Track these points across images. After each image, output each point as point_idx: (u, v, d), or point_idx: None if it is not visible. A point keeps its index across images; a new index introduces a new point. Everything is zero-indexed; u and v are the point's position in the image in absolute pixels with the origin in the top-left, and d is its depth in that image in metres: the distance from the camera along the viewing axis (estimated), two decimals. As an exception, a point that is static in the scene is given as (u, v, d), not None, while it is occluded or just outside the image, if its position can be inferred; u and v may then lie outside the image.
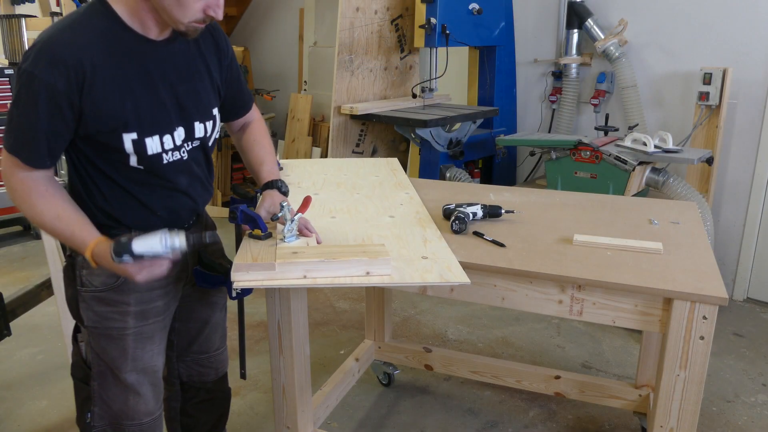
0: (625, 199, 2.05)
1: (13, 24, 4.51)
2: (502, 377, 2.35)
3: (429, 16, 3.29)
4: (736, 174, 3.36)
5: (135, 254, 1.24)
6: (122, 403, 1.49)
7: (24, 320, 2.65)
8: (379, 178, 2.12)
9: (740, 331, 3.08)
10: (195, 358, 1.72)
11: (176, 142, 1.39)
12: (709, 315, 1.32)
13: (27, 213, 1.32)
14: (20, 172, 1.29)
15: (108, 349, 1.45)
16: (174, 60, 1.36)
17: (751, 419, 2.38)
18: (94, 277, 1.40)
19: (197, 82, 1.42)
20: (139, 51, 1.30)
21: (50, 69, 1.20)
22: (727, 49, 3.27)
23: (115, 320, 1.43)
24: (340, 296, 3.50)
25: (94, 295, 1.42)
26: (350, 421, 2.38)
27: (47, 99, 1.21)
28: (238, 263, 1.34)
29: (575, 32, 3.64)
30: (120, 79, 1.27)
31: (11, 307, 2.29)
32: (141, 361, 1.47)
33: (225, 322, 1.79)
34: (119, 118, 1.28)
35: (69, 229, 1.31)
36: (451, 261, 1.43)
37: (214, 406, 1.81)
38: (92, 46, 1.24)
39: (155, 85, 1.33)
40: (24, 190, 1.29)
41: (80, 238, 1.31)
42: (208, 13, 1.27)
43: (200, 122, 1.43)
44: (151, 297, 1.46)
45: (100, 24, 1.26)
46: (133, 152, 1.33)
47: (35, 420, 2.39)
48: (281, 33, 5.42)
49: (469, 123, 3.43)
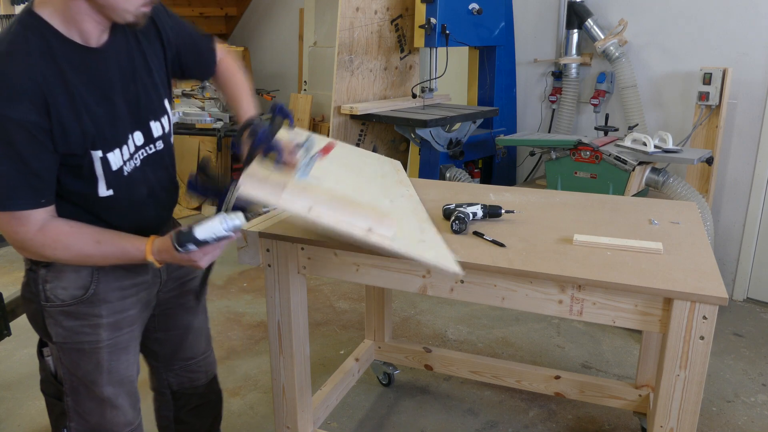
0: (625, 199, 2.05)
1: (13, 24, 4.52)
2: (502, 377, 2.35)
3: (429, 16, 3.29)
4: (736, 174, 3.36)
5: (199, 241, 1.24)
6: (99, 416, 1.43)
7: (24, 320, 2.63)
8: (383, 171, 2.12)
9: (740, 331, 3.08)
10: (182, 365, 1.68)
11: (136, 146, 1.33)
12: (709, 315, 1.32)
13: (69, 259, 1.27)
14: (32, 226, 1.20)
15: (81, 363, 1.39)
16: (118, 63, 1.28)
17: (751, 419, 2.38)
18: (59, 290, 1.33)
19: (144, 79, 1.33)
20: (82, 63, 1.20)
21: (18, 105, 1.10)
22: (727, 49, 3.27)
23: (87, 334, 1.36)
24: (340, 296, 3.50)
25: (62, 310, 1.34)
26: (350, 421, 2.38)
27: (26, 137, 1.12)
28: (250, 172, 1.30)
29: (575, 32, 3.64)
30: (74, 96, 1.18)
31: (11, 307, 2.29)
32: (117, 373, 1.42)
33: (207, 324, 1.75)
34: (84, 137, 1.21)
35: (116, 247, 1.27)
36: (446, 251, 1.43)
37: (207, 410, 1.78)
38: (39, 68, 1.14)
39: (106, 95, 1.25)
40: (49, 240, 1.22)
41: (133, 248, 1.28)
42: None
43: (155, 120, 1.37)
44: (124, 306, 1.41)
45: (38, 41, 1.15)
46: (102, 172, 1.26)
47: (35, 420, 2.39)
48: (281, 33, 5.42)
49: (469, 123, 3.43)
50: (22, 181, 1.15)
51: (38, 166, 1.16)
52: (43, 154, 1.16)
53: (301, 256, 1.70)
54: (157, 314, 1.58)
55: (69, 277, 1.33)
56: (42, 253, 1.25)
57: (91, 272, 1.34)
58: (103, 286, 1.36)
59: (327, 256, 1.67)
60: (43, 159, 1.16)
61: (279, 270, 1.72)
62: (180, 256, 1.25)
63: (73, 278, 1.33)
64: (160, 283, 1.53)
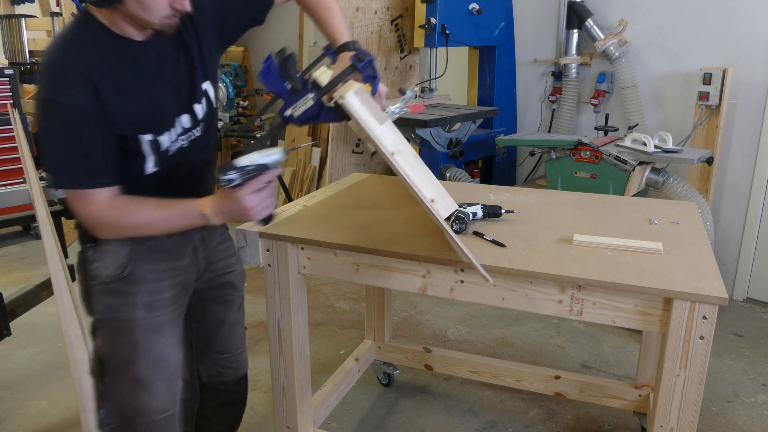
0: (625, 199, 2.05)
1: (13, 24, 4.51)
2: (502, 377, 2.35)
3: (429, 16, 3.29)
4: (736, 174, 3.36)
5: (239, 168, 1.23)
6: (131, 398, 1.47)
7: (24, 320, 2.65)
8: None
9: (740, 331, 3.08)
10: (215, 358, 1.72)
11: (184, 128, 1.42)
12: (709, 315, 1.32)
13: (135, 231, 1.35)
14: (100, 204, 1.29)
15: (119, 341, 1.45)
16: (163, 52, 1.36)
17: (751, 419, 2.38)
18: (101, 269, 1.42)
19: (190, 63, 1.41)
20: (129, 54, 1.30)
21: (71, 91, 1.21)
22: (727, 49, 3.27)
23: (123, 312, 1.43)
24: (340, 296, 3.50)
25: (103, 288, 1.43)
26: (350, 421, 2.38)
27: (82, 121, 1.22)
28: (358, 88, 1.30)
29: (575, 32, 3.64)
30: (121, 84, 1.28)
31: (11, 307, 2.29)
32: (152, 354, 1.47)
33: (243, 321, 1.78)
34: (133, 122, 1.30)
35: (176, 208, 1.33)
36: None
37: (231, 410, 1.82)
38: (93, 59, 1.24)
39: (153, 83, 1.34)
40: (119, 214, 1.31)
41: (190, 205, 1.33)
42: (175, 6, 1.26)
43: (198, 103, 1.44)
44: (159, 288, 1.47)
45: (89, 35, 1.26)
46: (150, 151, 1.36)
47: (35, 420, 2.39)
48: (281, 33, 5.41)
49: (469, 123, 3.43)
50: (86, 162, 1.26)
51: (95, 148, 1.26)
52: (99, 137, 1.26)
53: (301, 256, 1.70)
54: (194, 304, 1.63)
55: (109, 257, 1.41)
56: (115, 227, 1.34)
57: (128, 253, 1.42)
58: (140, 267, 1.43)
59: (327, 256, 1.67)
60: (100, 141, 1.26)
61: (279, 270, 1.72)
62: (229, 199, 1.28)
63: (112, 258, 1.41)
64: (197, 271, 1.57)
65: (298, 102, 1.30)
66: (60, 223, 2.17)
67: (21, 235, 4.50)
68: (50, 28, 4.40)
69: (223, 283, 1.67)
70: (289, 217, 1.82)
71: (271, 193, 1.31)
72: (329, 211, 1.88)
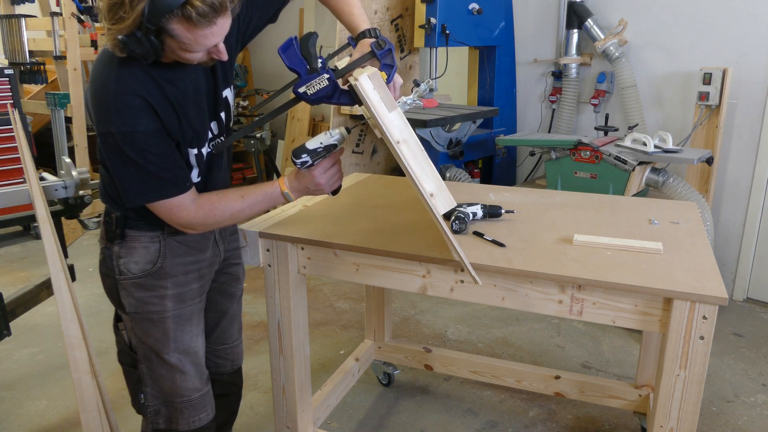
0: (625, 199, 2.05)
1: (13, 24, 4.51)
2: (502, 377, 2.35)
3: (429, 16, 3.29)
4: (736, 174, 3.36)
5: (310, 150, 1.40)
6: (170, 381, 1.57)
7: (24, 320, 2.65)
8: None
9: (740, 331, 3.08)
10: (212, 349, 1.77)
11: (213, 134, 1.50)
12: (709, 315, 1.32)
13: (226, 223, 1.46)
14: (188, 207, 1.39)
15: (151, 332, 1.53)
16: (197, 67, 1.40)
17: (751, 419, 2.38)
18: (132, 265, 1.48)
19: (217, 73, 1.47)
20: (175, 77, 1.36)
21: (141, 119, 1.29)
22: (727, 49, 3.27)
23: (155, 304, 1.50)
24: (340, 296, 3.50)
25: (134, 282, 1.49)
26: (350, 421, 2.38)
27: (156, 142, 1.31)
28: (374, 72, 1.33)
29: (575, 32, 3.64)
30: (172, 104, 1.35)
31: (11, 307, 2.29)
32: (182, 342, 1.55)
33: (240, 313, 1.85)
34: (187, 138, 1.40)
35: (257, 193, 1.45)
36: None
37: (226, 403, 1.87)
38: (146, 85, 1.30)
39: (196, 98, 1.41)
40: (208, 212, 1.42)
41: (269, 188, 1.46)
42: (212, 56, 1.32)
43: (223, 110, 1.52)
44: (187, 280, 1.54)
45: (137, 64, 1.30)
46: (196, 164, 1.46)
47: (35, 420, 2.39)
48: (281, 33, 5.42)
49: (469, 123, 3.43)
50: (168, 174, 1.35)
51: (174, 160, 1.36)
52: (172, 148, 1.36)
53: (301, 256, 1.70)
54: None
55: (140, 252, 1.48)
56: (207, 224, 1.44)
57: (158, 248, 1.50)
58: (169, 261, 1.50)
59: (327, 256, 1.67)
60: (173, 152, 1.37)
61: (279, 270, 1.72)
62: (306, 178, 1.43)
63: (143, 254, 1.48)
64: (218, 262, 1.65)
65: (314, 80, 1.33)
66: (60, 223, 2.17)
67: (21, 235, 4.50)
68: (50, 28, 4.40)
69: (229, 273, 1.73)
70: (289, 217, 1.82)
71: (339, 168, 1.47)
72: (329, 211, 1.88)
